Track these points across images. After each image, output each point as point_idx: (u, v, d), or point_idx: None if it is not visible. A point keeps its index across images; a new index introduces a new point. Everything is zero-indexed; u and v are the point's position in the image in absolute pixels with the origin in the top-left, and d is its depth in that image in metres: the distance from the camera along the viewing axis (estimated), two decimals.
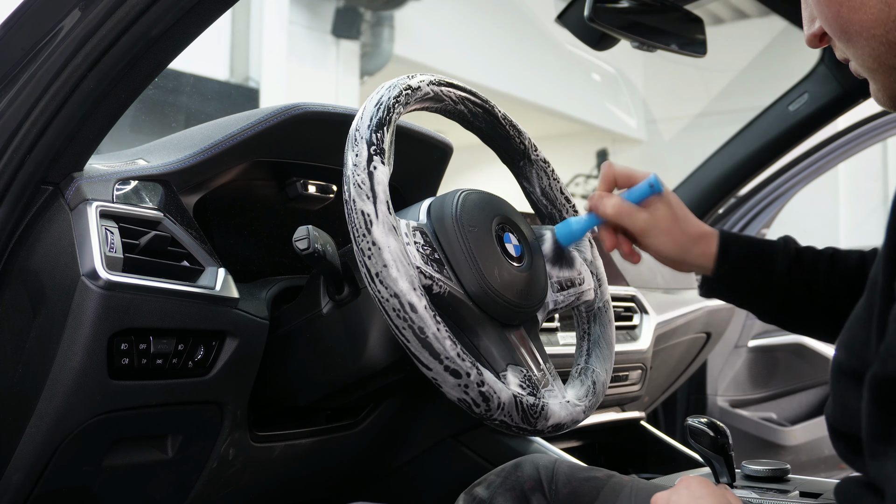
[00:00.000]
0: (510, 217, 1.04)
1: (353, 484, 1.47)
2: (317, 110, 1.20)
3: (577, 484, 1.04)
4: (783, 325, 1.13)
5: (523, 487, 1.04)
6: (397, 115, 0.94)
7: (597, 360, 1.10)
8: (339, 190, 1.31)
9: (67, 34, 0.94)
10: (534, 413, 0.92)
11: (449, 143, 1.39)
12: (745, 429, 2.73)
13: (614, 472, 1.07)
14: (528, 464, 1.07)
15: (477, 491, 1.05)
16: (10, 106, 0.96)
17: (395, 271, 0.85)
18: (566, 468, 1.06)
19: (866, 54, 0.71)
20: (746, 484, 1.21)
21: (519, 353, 0.99)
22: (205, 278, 1.06)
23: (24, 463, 0.99)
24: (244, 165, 1.19)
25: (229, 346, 1.08)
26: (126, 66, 0.96)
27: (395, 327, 0.86)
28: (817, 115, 2.19)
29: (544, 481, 1.04)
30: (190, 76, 5.18)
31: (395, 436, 1.44)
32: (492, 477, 1.06)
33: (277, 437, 1.22)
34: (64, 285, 0.96)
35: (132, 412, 1.02)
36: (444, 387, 0.87)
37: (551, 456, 1.12)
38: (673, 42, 1.59)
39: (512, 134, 1.10)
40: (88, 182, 1.01)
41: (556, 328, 1.56)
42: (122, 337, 0.97)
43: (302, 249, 1.00)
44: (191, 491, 1.15)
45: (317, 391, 1.15)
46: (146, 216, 1.04)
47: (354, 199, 0.87)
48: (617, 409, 1.86)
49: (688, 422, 1.19)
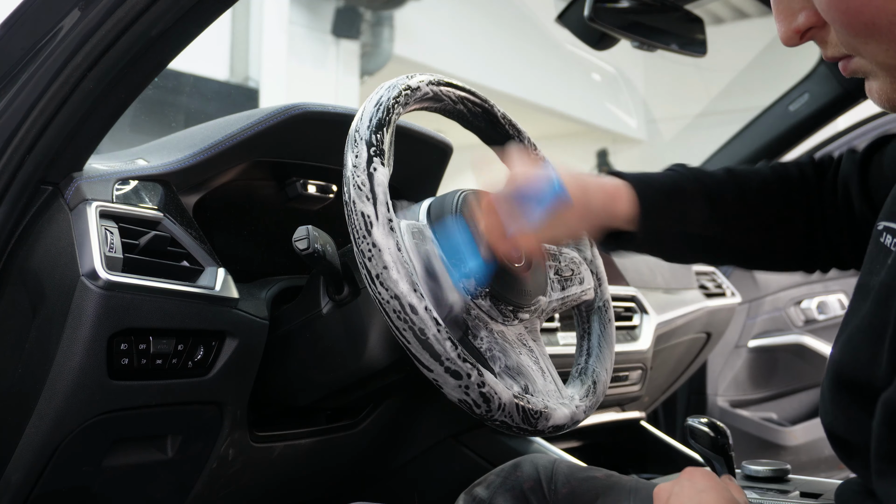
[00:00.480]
0: None
1: (353, 484, 1.47)
2: (317, 110, 1.20)
3: (577, 484, 1.04)
4: (686, 262, 1.10)
5: (523, 487, 1.04)
6: (397, 115, 0.94)
7: (597, 360, 1.10)
8: (338, 190, 1.31)
9: (67, 34, 0.94)
10: (534, 413, 0.91)
11: (449, 143, 1.39)
12: (746, 429, 2.73)
13: (613, 472, 1.07)
14: (527, 464, 1.07)
15: (477, 491, 1.05)
16: (10, 106, 0.96)
17: (395, 273, 0.85)
18: (565, 468, 1.06)
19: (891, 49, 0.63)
20: (747, 484, 1.21)
21: (519, 352, 0.99)
22: (205, 278, 1.05)
23: (23, 463, 0.99)
24: (244, 165, 1.19)
25: (229, 346, 1.07)
26: (126, 66, 0.96)
27: (395, 329, 0.86)
28: (817, 115, 2.19)
29: (544, 481, 1.05)
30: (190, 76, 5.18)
31: (395, 436, 1.44)
32: (491, 477, 1.06)
33: (277, 437, 1.22)
34: (63, 285, 0.96)
35: (132, 412, 1.02)
36: (445, 388, 0.87)
37: (551, 456, 1.12)
38: (673, 42, 1.59)
39: (512, 134, 1.10)
40: (88, 182, 1.01)
41: (556, 328, 1.56)
42: (122, 337, 0.97)
43: (302, 249, 1.00)
44: (191, 491, 1.15)
45: (317, 391, 1.15)
46: (146, 216, 1.04)
47: (354, 201, 0.87)
48: (617, 409, 1.86)
49: (688, 422, 1.19)
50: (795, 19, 0.67)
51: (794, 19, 0.67)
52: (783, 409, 2.92)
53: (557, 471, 1.06)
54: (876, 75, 0.67)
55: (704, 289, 2.31)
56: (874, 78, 0.67)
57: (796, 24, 0.66)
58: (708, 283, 2.32)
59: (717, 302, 2.32)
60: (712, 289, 2.33)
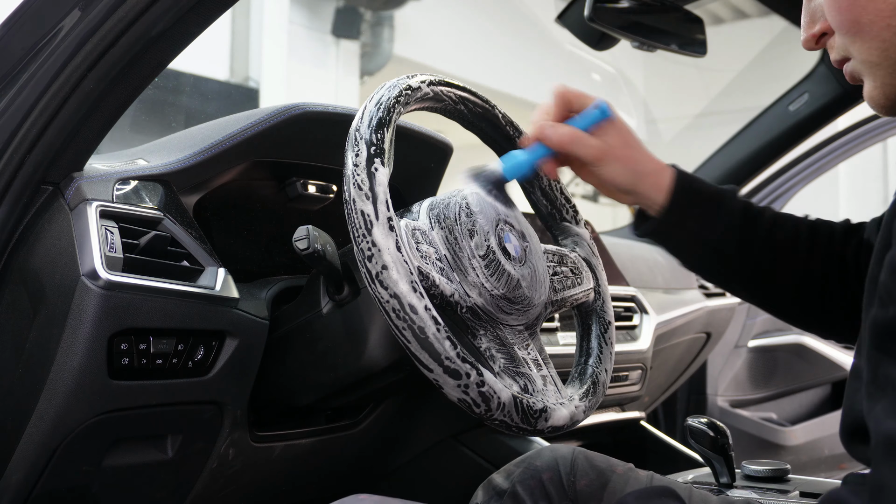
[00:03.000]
0: (510, 216, 1.04)
1: (353, 484, 1.47)
2: (317, 110, 1.20)
3: (595, 475, 1.04)
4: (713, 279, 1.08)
5: (541, 477, 1.04)
6: (397, 115, 0.94)
7: (596, 360, 1.10)
8: (339, 190, 1.31)
9: (67, 34, 0.94)
10: (533, 413, 0.91)
11: (449, 143, 1.39)
12: (745, 429, 2.73)
13: (632, 465, 1.07)
14: (546, 454, 1.07)
15: (496, 481, 1.05)
16: (10, 106, 0.96)
17: (395, 273, 0.85)
18: (584, 459, 1.06)
19: (874, 47, 0.71)
20: (746, 484, 1.21)
21: (519, 352, 0.99)
22: (205, 278, 1.05)
23: (23, 463, 0.99)
24: (244, 165, 1.19)
25: (229, 346, 1.08)
26: (126, 66, 0.96)
27: (395, 328, 0.86)
28: (817, 115, 2.20)
29: (562, 472, 1.04)
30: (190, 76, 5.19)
31: (395, 436, 1.44)
32: (511, 467, 1.07)
33: (277, 437, 1.22)
34: (64, 285, 0.96)
35: (132, 412, 1.02)
36: (445, 387, 0.87)
37: (570, 447, 1.11)
38: (673, 42, 1.59)
39: (512, 134, 1.10)
40: (88, 182, 1.01)
41: (556, 328, 1.56)
42: (122, 337, 0.97)
43: (302, 249, 1.00)
44: (191, 491, 1.15)
45: (317, 391, 1.15)
46: (146, 216, 1.04)
47: (354, 200, 0.87)
48: (617, 409, 1.86)
49: (688, 422, 1.19)
50: (813, 26, 0.77)
51: (812, 26, 0.78)
52: (783, 409, 2.92)
53: (576, 462, 1.06)
54: (866, 76, 0.75)
55: (704, 288, 2.31)
56: (866, 79, 0.75)
57: (813, 30, 0.77)
58: (708, 283, 2.32)
59: (717, 302, 2.33)
60: (712, 289, 2.33)
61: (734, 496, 1.15)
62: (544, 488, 1.03)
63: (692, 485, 1.12)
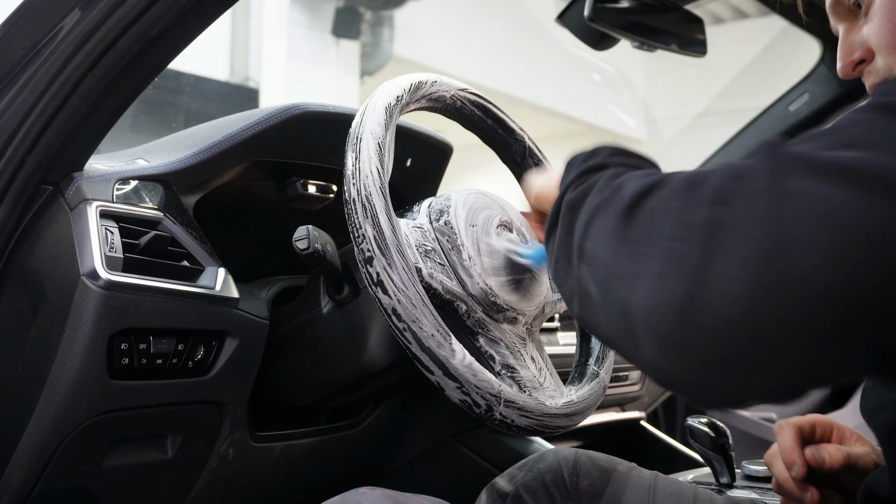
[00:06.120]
0: (510, 217, 1.04)
1: (353, 484, 1.47)
2: (317, 110, 1.20)
3: (599, 476, 1.04)
4: None
5: (544, 479, 1.04)
6: (398, 114, 0.94)
7: (596, 360, 1.10)
8: (339, 190, 1.31)
9: (67, 34, 0.94)
10: (534, 413, 0.91)
11: (449, 143, 1.39)
12: (745, 429, 2.73)
13: (635, 465, 1.07)
14: (550, 456, 1.07)
15: (500, 485, 1.05)
16: (10, 106, 0.96)
17: (395, 273, 0.85)
18: (587, 459, 1.06)
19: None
20: (746, 484, 1.21)
21: (519, 353, 0.99)
22: (205, 278, 1.05)
23: (23, 463, 0.99)
24: (244, 165, 1.19)
25: (229, 346, 1.08)
26: (126, 66, 0.96)
27: (395, 329, 0.86)
28: (817, 115, 2.19)
29: (566, 474, 1.05)
30: (190, 76, 5.18)
31: (395, 436, 1.44)
32: (514, 471, 1.07)
33: (277, 437, 1.22)
34: (64, 285, 0.96)
35: (132, 412, 1.02)
36: (446, 389, 0.87)
37: (573, 448, 1.11)
38: (673, 42, 1.59)
39: (512, 134, 1.10)
40: (88, 182, 1.01)
41: (556, 328, 1.56)
42: (123, 337, 0.97)
43: (302, 249, 1.00)
44: (191, 491, 1.15)
45: (317, 391, 1.15)
46: (146, 216, 1.04)
47: (354, 200, 0.87)
48: (617, 409, 1.86)
49: (688, 422, 1.19)
50: (852, 54, 0.79)
51: (851, 54, 0.79)
52: (783, 408, 2.92)
53: (580, 463, 1.06)
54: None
55: None
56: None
57: (853, 57, 0.79)
58: None
59: None
60: None
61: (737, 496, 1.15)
62: (547, 490, 1.03)
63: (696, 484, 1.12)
